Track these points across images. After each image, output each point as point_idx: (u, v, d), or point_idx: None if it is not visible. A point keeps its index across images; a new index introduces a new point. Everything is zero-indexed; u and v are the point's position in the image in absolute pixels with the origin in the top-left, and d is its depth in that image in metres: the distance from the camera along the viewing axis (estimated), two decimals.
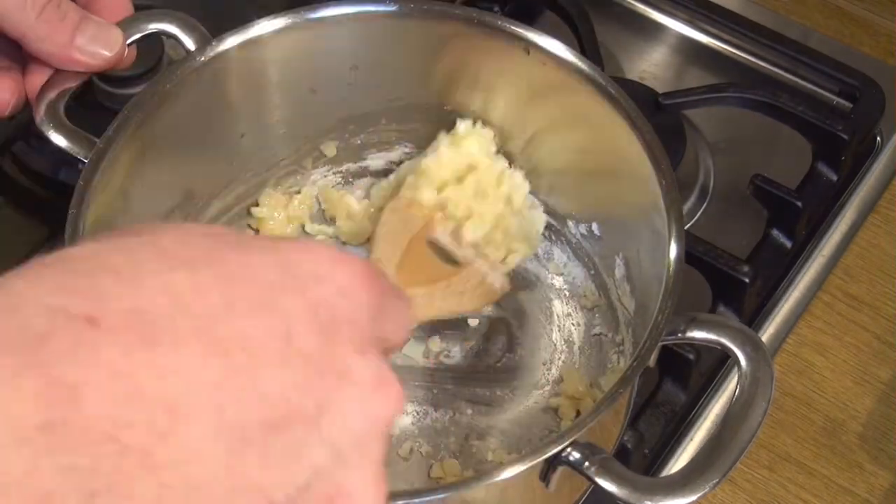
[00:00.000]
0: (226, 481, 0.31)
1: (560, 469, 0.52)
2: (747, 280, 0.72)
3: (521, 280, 0.73)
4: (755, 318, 0.75)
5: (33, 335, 0.29)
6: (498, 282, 0.66)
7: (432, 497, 0.51)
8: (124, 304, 0.31)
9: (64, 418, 0.28)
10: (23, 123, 0.74)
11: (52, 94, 0.61)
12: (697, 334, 0.56)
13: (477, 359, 0.71)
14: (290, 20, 0.65)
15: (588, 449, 0.52)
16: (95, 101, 0.78)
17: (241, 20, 0.65)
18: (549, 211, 0.74)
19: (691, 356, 0.69)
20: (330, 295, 0.34)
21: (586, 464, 0.51)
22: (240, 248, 0.34)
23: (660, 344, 0.55)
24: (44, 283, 0.31)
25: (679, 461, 0.69)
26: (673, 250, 0.58)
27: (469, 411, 0.68)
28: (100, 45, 0.61)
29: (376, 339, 0.36)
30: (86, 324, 0.30)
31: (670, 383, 0.71)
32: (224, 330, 0.32)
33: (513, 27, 0.66)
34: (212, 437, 0.30)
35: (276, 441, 0.32)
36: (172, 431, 0.30)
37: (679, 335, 0.56)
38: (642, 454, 0.68)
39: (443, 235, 0.66)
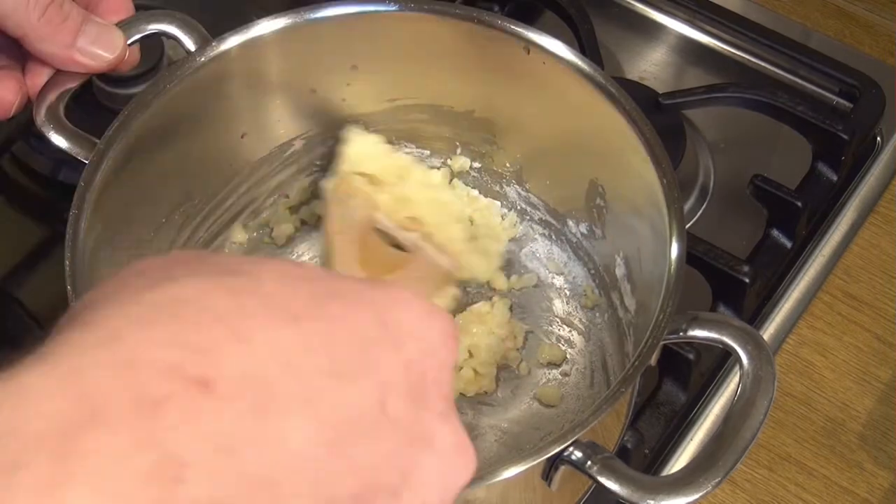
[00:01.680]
0: None
1: (562, 468, 0.52)
2: (747, 280, 0.72)
3: (521, 279, 0.73)
4: (755, 319, 0.75)
5: (150, 402, 0.29)
6: (447, 263, 0.66)
7: None
8: (237, 368, 0.31)
9: (168, 499, 0.28)
10: (23, 123, 0.74)
11: (52, 95, 0.61)
12: (699, 333, 0.56)
13: None
14: (290, 20, 0.65)
15: (590, 448, 0.51)
16: (95, 101, 0.78)
17: (241, 20, 0.65)
18: (549, 210, 0.74)
19: (691, 356, 0.68)
20: (421, 354, 0.36)
21: (588, 463, 0.51)
22: (338, 298, 0.35)
23: (661, 343, 0.55)
24: (155, 333, 0.31)
25: (679, 461, 0.69)
26: (674, 249, 0.57)
27: (469, 412, 0.68)
28: (101, 47, 0.61)
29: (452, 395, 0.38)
30: (200, 389, 0.30)
31: (670, 383, 0.71)
32: (330, 398, 0.32)
33: (513, 26, 0.66)
34: None
35: None
36: None
37: (681, 334, 0.56)
38: (642, 454, 0.68)
39: (385, 221, 0.67)
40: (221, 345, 0.31)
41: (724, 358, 0.73)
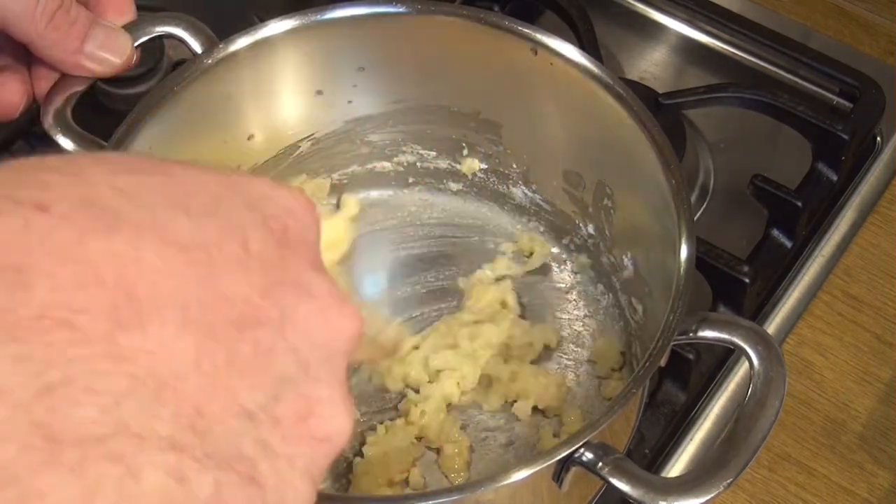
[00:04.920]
0: (196, 380, 0.28)
1: (573, 470, 0.52)
2: (747, 280, 0.72)
3: (528, 280, 0.74)
4: (755, 319, 0.75)
5: None
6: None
7: (447, 499, 0.51)
8: (74, 194, 0.28)
9: (8, 304, 0.25)
10: (23, 123, 0.74)
11: (59, 99, 0.61)
12: (709, 334, 0.56)
13: None
14: (298, 22, 0.65)
15: (601, 449, 0.52)
16: (95, 101, 0.77)
17: (245, 22, 0.65)
18: (556, 211, 0.74)
19: (691, 356, 0.69)
20: (279, 211, 0.33)
21: (600, 464, 0.51)
22: (184, 164, 0.33)
23: (671, 344, 0.55)
24: None
25: (679, 461, 0.69)
26: (683, 250, 0.58)
27: (478, 414, 0.69)
28: (109, 52, 0.61)
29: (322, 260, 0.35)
30: (34, 209, 0.27)
31: (670, 383, 0.71)
32: (180, 227, 0.30)
33: (520, 27, 0.66)
34: (179, 332, 0.28)
35: (244, 342, 0.30)
36: (137, 321, 0.27)
37: (690, 335, 0.56)
38: (642, 454, 0.68)
39: None
40: (55, 180, 0.29)
41: (725, 358, 0.73)
